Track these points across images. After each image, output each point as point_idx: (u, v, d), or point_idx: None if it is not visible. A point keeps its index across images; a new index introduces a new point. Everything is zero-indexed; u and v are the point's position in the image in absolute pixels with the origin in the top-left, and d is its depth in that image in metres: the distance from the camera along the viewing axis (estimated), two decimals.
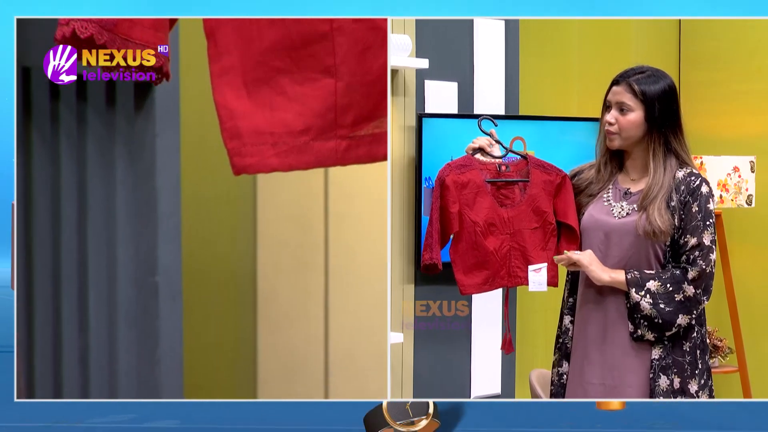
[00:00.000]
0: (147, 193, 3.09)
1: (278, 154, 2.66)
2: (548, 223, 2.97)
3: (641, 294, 2.83)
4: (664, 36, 5.10)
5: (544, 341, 4.51)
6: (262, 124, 2.64)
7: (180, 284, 3.18)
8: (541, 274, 2.97)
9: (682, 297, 2.82)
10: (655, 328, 2.84)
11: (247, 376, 3.98)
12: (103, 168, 3.07)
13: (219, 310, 3.94)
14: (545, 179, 2.97)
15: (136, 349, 3.11)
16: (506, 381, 4.32)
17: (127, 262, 3.09)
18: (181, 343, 3.19)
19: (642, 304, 2.83)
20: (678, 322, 2.83)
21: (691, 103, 5.02)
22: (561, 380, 3.03)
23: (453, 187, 2.89)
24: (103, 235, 3.08)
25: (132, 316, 3.10)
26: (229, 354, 3.98)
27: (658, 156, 2.89)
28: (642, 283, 2.83)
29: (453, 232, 2.91)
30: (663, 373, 2.86)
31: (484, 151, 2.96)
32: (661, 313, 2.82)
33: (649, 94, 2.87)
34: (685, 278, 2.82)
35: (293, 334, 3.96)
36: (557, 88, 4.78)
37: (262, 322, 3.97)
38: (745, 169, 4.61)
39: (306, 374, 3.97)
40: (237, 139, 2.65)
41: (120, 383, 3.07)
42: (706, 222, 2.84)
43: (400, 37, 3.89)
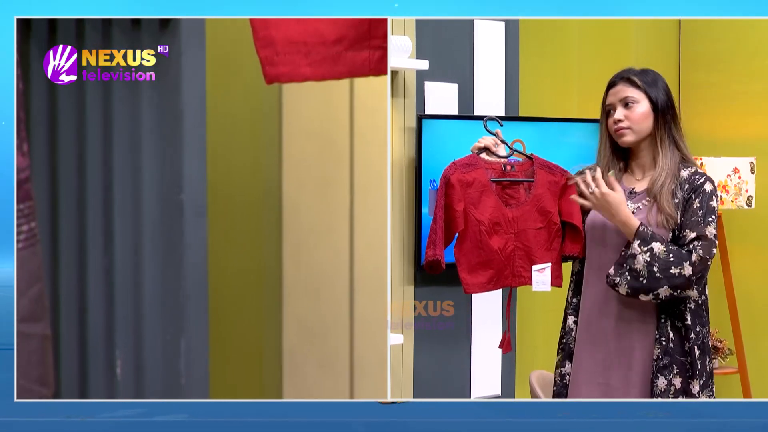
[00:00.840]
0: (172, 112, 3.05)
1: (311, 63, 2.65)
2: (553, 224, 2.97)
3: (643, 249, 2.81)
4: (664, 37, 5.11)
5: (544, 342, 4.51)
6: (296, 33, 2.63)
7: (205, 201, 3.17)
8: (545, 274, 2.97)
9: (677, 272, 2.80)
10: (634, 283, 2.81)
11: (273, 296, 3.96)
12: (129, 89, 3.02)
13: (244, 229, 3.95)
14: (550, 180, 2.97)
15: (161, 278, 3.11)
16: (506, 382, 4.32)
17: (152, 181, 3.07)
18: (206, 256, 3.19)
19: (638, 257, 2.81)
20: (658, 291, 2.81)
21: (691, 104, 5.02)
22: (564, 380, 3.02)
23: (458, 186, 2.89)
24: (128, 156, 3.05)
25: (158, 232, 3.09)
26: (254, 277, 3.97)
27: (665, 144, 2.90)
28: (648, 240, 2.82)
29: (458, 230, 2.91)
30: (662, 373, 2.86)
31: (490, 150, 2.96)
32: (650, 274, 2.81)
33: (649, 84, 2.90)
34: (689, 258, 2.80)
35: (318, 253, 3.95)
36: (557, 89, 4.78)
37: (288, 240, 3.96)
38: (745, 171, 4.61)
39: (331, 292, 3.95)
40: (270, 47, 2.63)
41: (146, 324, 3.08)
42: (707, 218, 2.84)
43: (400, 39, 3.89)
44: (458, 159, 2.92)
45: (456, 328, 4.19)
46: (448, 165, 2.90)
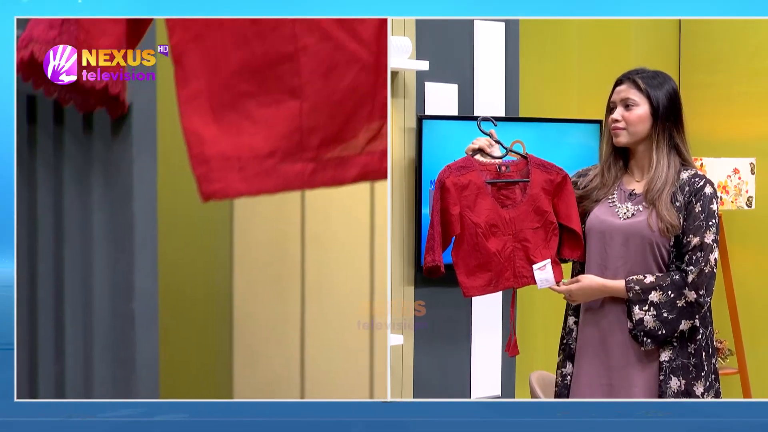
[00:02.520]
0: (124, 219, 3.06)
1: (245, 178, 2.61)
2: (549, 223, 2.96)
3: (644, 309, 2.83)
4: (664, 38, 5.11)
5: (544, 343, 4.51)
6: (229, 149, 2.60)
7: (156, 310, 3.15)
8: (546, 270, 2.96)
9: (684, 303, 2.82)
10: (656, 340, 2.84)
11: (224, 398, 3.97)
12: (80, 194, 3.04)
13: (195, 334, 3.93)
14: (546, 178, 2.96)
15: (111, 379, 3.10)
16: (506, 382, 4.32)
17: (103, 289, 3.07)
18: (157, 369, 3.17)
19: (645, 318, 2.83)
20: (680, 328, 2.83)
21: (691, 105, 5.01)
22: (565, 381, 3.02)
23: (453, 189, 2.87)
24: (79, 259, 3.06)
25: (109, 343, 3.08)
26: (205, 379, 3.97)
27: (661, 149, 2.90)
28: (644, 297, 2.83)
29: (454, 234, 2.88)
30: (675, 374, 2.86)
31: (484, 151, 2.94)
32: (664, 323, 2.82)
33: (653, 89, 2.90)
34: (685, 283, 2.82)
35: (270, 357, 3.95)
36: (557, 89, 4.79)
37: (239, 346, 3.95)
38: (745, 171, 4.61)
39: (282, 397, 3.95)
40: (204, 164, 2.61)
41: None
42: (708, 222, 2.84)
43: (400, 39, 3.89)
44: (452, 162, 2.91)
45: (456, 329, 4.19)
46: (443, 169, 2.88)
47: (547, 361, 3.92)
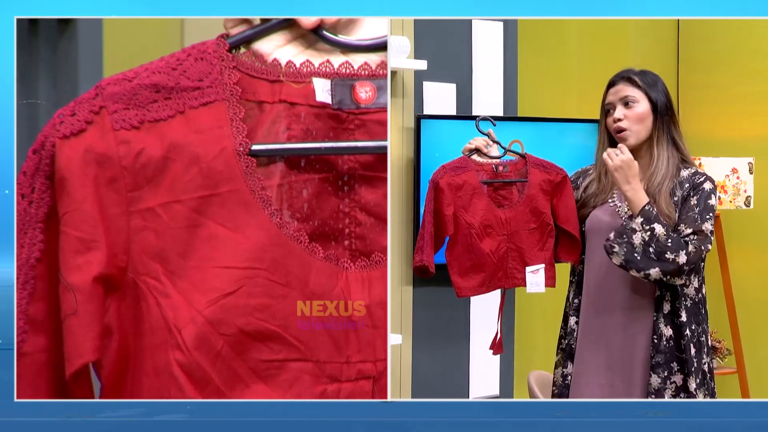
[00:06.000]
0: None
1: None
2: (546, 224, 2.94)
3: (645, 227, 2.79)
4: (663, 38, 5.11)
5: (543, 343, 4.52)
6: None
7: None
8: (538, 275, 2.94)
9: (672, 258, 2.78)
10: (628, 256, 2.79)
11: None
12: None
13: None
14: (544, 178, 2.93)
15: None
16: (505, 382, 4.33)
17: None
18: None
19: (638, 234, 2.79)
20: (649, 272, 2.79)
21: (690, 105, 5.03)
22: (565, 381, 3.02)
23: (447, 190, 2.84)
24: None
25: None
26: None
27: (662, 145, 2.90)
28: (652, 220, 2.79)
29: (448, 234, 2.86)
30: (654, 371, 2.86)
31: (481, 151, 2.93)
32: (646, 253, 2.79)
33: (650, 84, 2.91)
34: (685, 247, 2.79)
35: None
36: (556, 89, 4.79)
37: None
38: (744, 171, 4.61)
39: None
40: None
41: None
42: (704, 214, 2.83)
43: (398, 39, 3.89)
44: (447, 162, 2.88)
45: (454, 329, 4.19)
46: (437, 169, 2.86)
47: (545, 360, 3.93)
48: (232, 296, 1.86)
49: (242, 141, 1.83)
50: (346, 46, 1.87)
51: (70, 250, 1.83)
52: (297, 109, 1.88)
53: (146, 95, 1.82)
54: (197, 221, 1.84)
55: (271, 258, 1.85)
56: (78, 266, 1.82)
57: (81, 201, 1.81)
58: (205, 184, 1.82)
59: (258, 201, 1.84)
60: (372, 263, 1.93)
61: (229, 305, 1.86)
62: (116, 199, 1.82)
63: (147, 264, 1.84)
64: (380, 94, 1.89)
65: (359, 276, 1.94)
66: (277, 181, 1.86)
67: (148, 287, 1.84)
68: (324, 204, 1.91)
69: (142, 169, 1.81)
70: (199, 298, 1.85)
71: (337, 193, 1.90)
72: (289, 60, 1.86)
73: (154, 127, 1.81)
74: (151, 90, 1.82)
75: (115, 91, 1.81)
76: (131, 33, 3.21)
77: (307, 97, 1.87)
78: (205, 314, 1.84)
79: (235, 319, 1.86)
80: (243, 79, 1.85)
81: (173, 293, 1.84)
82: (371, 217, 1.93)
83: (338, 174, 1.90)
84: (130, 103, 1.81)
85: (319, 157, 1.88)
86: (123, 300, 1.88)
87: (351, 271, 1.92)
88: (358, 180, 1.91)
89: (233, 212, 1.83)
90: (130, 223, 1.83)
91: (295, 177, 1.87)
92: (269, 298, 1.88)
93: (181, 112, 1.83)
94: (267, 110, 1.86)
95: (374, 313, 1.91)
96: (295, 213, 1.88)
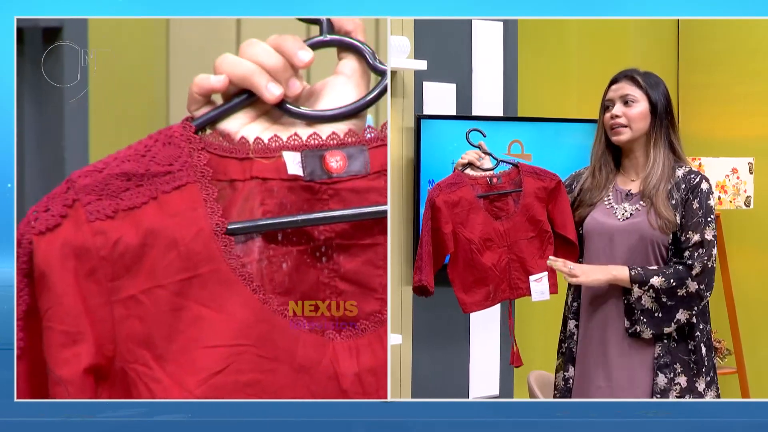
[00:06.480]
0: None
1: None
2: (544, 231, 2.91)
3: (644, 289, 2.81)
4: (663, 38, 5.11)
5: (543, 343, 4.52)
6: None
7: None
8: (542, 283, 2.93)
9: (685, 293, 2.81)
10: (653, 322, 2.82)
11: None
12: None
13: None
14: (538, 186, 2.91)
15: None
16: (505, 382, 4.33)
17: None
18: None
19: (644, 298, 2.81)
20: (677, 317, 2.82)
21: (690, 105, 5.03)
22: (567, 385, 3.01)
23: (444, 208, 2.81)
24: None
25: None
26: None
27: (659, 147, 2.90)
28: (646, 280, 2.82)
29: (448, 252, 2.84)
30: (662, 371, 2.86)
31: (474, 165, 2.92)
32: (663, 307, 2.81)
33: (651, 85, 2.91)
34: (689, 274, 2.81)
35: None
36: (556, 89, 4.79)
37: None
38: (744, 171, 4.62)
39: None
40: None
41: None
42: (707, 218, 2.84)
43: (398, 39, 3.89)
44: (442, 180, 2.87)
45: (454, 329, 4.19)
46: (432, 187, 2.85)
47: (545, 360, 3.93)
48: (221, 374, 1.86)
49: (218, 221, 1.82)
50: (311, 118, 1.87)
51: (56, 345, 1.82)
52: (269, 184, 1.87)
53: (118, 184, 1.82)
54: (180, 304, 1.84)
55: (257, 333, 1.85)
56: (66, 360, 1.82)
57: (62, 295, 1.81)
58: (184, 266, 1.82)
59: (239, 278, 1.84)
60: (358, 331, 1.93)
61: (219, 384, 1.86)
62: (97, 289, 1.82)
63: (134, 351, 1.84)
64: (351, 162, 1.88)
65: (346, 345, 1.94)
66: (257, 257, 1.86)
67: (137, 374, 1.85)
68: (304, 276, 1.91)
69: (121, 257, 1.81)
70: (189, 380, 1.85)
71: (315, 264, 1.90)
72: (256, 137, 1.86)
73: (129, 215, 1.81)
74: (122, 178, 1.82)
75: (86, 183, 1.81)
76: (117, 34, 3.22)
77: (278, 171, 1.86)
78: (196, 394, 1.85)
79: (226, 397, 1.86)
80: (212, 159, 1.85)
81: (163, 377, 1.85)
82: (353, 285, 1.93)
83: (315, 245, 1.90)
84: (102, 194, 1.81)
85: (296, 230, 1.88)
86: (113, 389, 1.88)
87: (337, 341, 1.92)
88: (336, 249, 1.91)
89: (215, 292, 1.83)
90: (113, 312, 1.83)
91: (273, 251, 1.87)
92: (259, 373, 1.88)
93: (154, 198, 1.83)
94: (239, 188, 1.86)
95: (364, 381, 1.91)
96: (277, 287, 1.88)
